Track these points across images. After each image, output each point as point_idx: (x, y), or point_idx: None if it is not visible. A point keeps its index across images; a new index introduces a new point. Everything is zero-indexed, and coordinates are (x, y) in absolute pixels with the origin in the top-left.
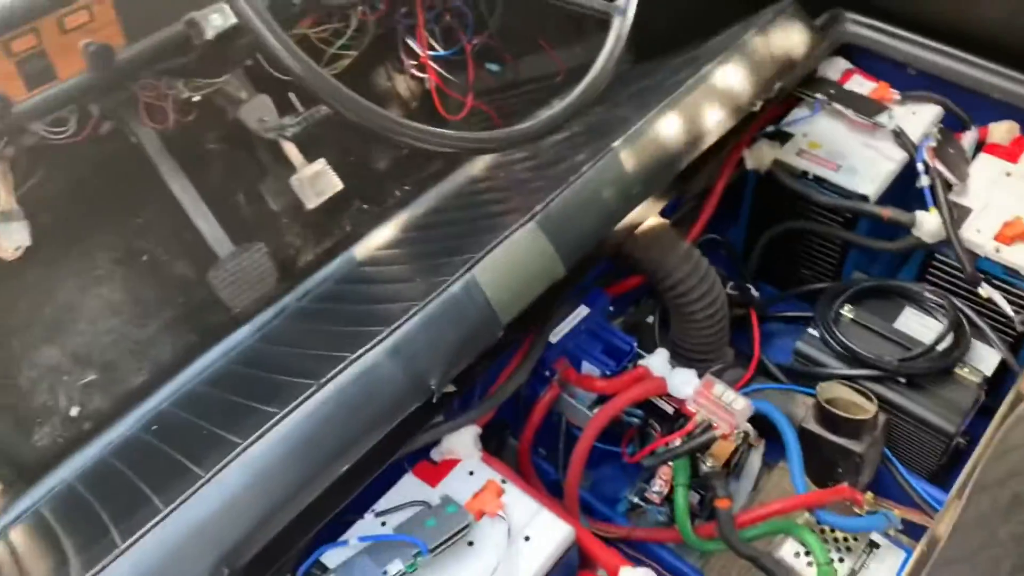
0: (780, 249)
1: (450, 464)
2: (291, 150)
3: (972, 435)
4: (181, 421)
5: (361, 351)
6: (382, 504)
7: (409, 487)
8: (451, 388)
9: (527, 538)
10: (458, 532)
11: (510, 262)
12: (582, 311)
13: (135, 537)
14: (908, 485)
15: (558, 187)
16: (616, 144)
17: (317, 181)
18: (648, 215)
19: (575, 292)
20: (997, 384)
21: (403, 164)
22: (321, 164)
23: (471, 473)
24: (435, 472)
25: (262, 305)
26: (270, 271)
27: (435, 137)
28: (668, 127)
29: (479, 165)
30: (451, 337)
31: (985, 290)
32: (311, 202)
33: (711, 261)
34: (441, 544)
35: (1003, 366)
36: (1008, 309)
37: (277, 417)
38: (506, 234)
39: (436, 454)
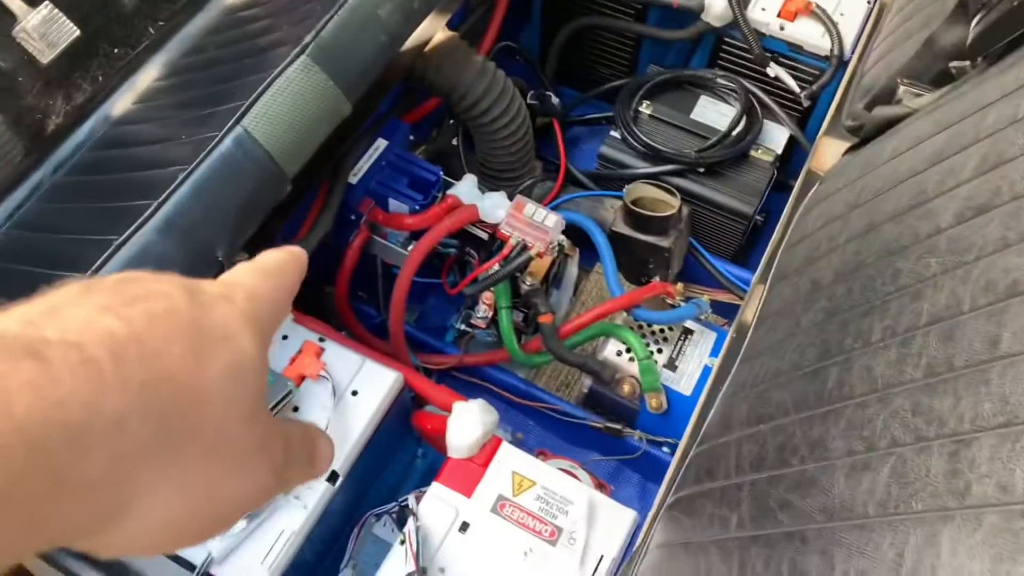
0: (576, 48)
1: None
2: None
3: (769, 210)
4: None
5: (128, 232)
6: None
7: None
8: (243, 256)
9: (355, 392)
10: (279, 402)
11: (286, 106)
12: (380, 144)
13: None
14: (714, 269)
15: (328, 10)
16: None
17: (47, 30)
18: (435, 30)
19: (369, 124)
20: (787, 159)
21: None
22: (48, 8)
23: (284, 337)
24: None
25: (11, 185)
26: (13, 143)
27: None
28: None
29: None
30: (231, 200)
31: (773, 69)
32: (45, 55)
33: (508, 70)
34: None
35: (792, 141)
36: (794, 86)
37: None
38: (275, 73)
39: None
